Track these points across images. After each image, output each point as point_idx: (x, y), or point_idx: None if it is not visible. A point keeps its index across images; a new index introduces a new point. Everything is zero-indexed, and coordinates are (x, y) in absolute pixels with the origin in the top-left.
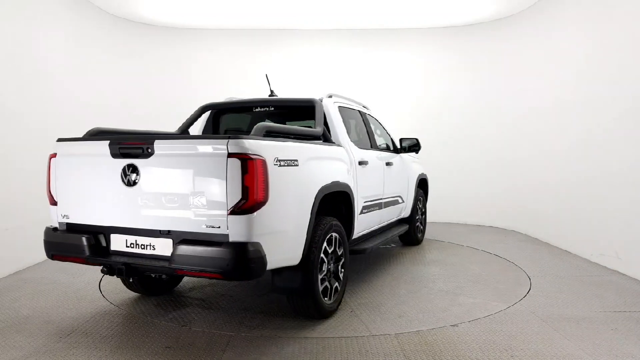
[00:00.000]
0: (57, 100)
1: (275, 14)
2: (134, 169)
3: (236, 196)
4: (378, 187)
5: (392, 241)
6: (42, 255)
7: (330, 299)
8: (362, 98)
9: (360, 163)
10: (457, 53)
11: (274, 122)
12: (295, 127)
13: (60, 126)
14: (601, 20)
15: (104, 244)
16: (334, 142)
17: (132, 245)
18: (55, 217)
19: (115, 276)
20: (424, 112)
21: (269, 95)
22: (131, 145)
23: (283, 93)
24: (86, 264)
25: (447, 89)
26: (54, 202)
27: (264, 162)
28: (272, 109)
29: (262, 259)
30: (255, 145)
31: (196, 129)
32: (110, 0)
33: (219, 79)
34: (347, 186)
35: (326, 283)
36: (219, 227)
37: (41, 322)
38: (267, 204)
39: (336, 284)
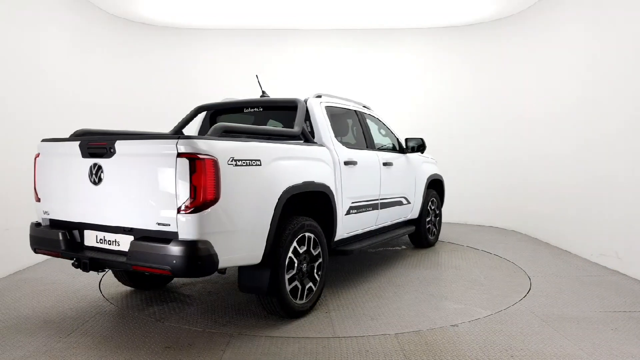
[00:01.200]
0: (57, 100)
1: (275, 14)
2: (99, 168)
3: (185, 195)
4: (372, 188)
5: (404, 243)
6: (42, 255)
7: (302, 299)
8: (363, 98)
9: (346, 163)
10: (457, 53)
11: (270, 122)
12: (266, 127)
13: (60, 126)
14: (602, 21)
15: (78, 239)
16: (315, 142)
17: (101, 241)
18: (38, 213)
19: (80, 269)
20: (424, 112)
21: (261, 96)
22: (96, 146)
23: (283, 93)
24: (61, 257)
25: (447, 90)
26: (38, 199)
27: (214, 162)
28: (261, 109)
29: (211, 257)
30: (205, 145)
31: (193, 129)
32: (110, 0)
33: (219, 79)
34: (325, 186)
35: (296, 283)
36: (170, 225)
37: (41, 322)
38: (218, 202)
39: (310, 284)
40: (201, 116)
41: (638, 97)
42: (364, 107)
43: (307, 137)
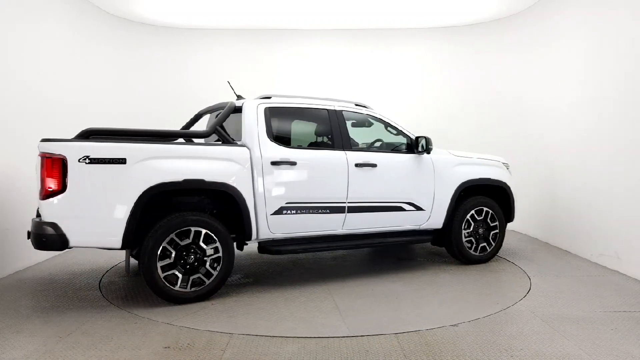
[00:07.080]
0: (55, 100)
1: (276, 13)
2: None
3: (39, 186)
4: (330, 189)
5: (446, 255)
6: (41, 255)
7: (186, 288)
8: (364, 98)
9: (275, 163)
10: (457, 54)
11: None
12: (156, 129)
13: (58, 126)
14: (602, 20)
15: None
16: (235, 142)
17: None
18: None
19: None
20: (423, 112)
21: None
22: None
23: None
24: None
25: (447, 90)
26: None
27: (61, 160)
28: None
29: (54, 237)
30: (54, 146)
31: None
32: (110, 0)
33: (219, 79)
34: (225, 184)
35: (174, 271)
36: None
37: (41, 322)
38: (65, 193)
39: (199, 275)
40: (207, 117)
41: (638, 97)
42: (361, 106)
43: (223, 137)
